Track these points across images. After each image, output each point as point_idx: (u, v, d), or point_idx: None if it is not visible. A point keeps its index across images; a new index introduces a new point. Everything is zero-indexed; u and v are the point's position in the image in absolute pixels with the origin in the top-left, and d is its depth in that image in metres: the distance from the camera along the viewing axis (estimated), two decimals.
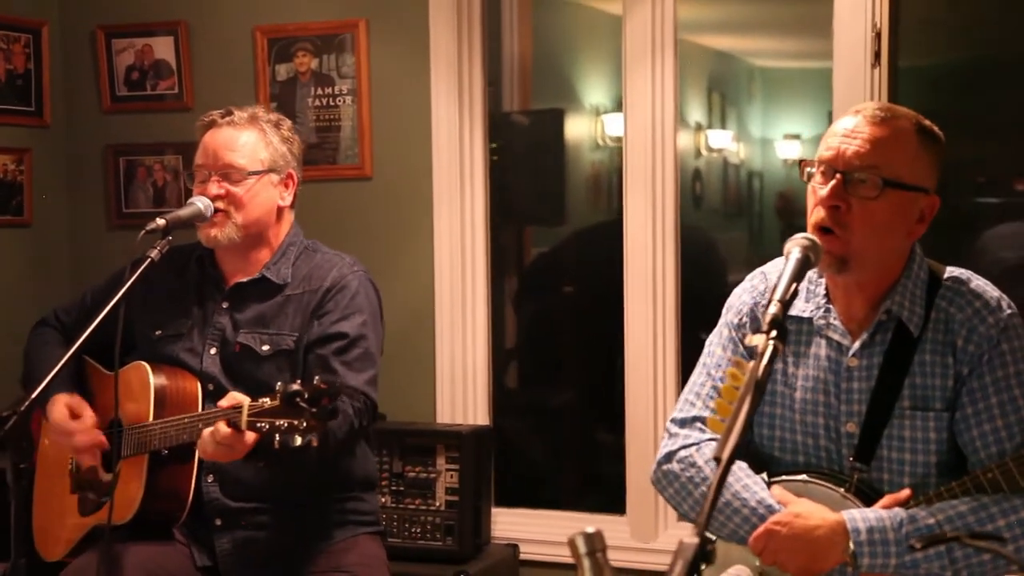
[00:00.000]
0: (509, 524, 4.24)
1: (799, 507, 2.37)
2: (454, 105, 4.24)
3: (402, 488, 4.05)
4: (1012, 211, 3.96)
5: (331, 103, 4.36)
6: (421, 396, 4.27)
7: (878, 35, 3.80)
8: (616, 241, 4.21)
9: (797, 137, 6.10)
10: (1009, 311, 2.40)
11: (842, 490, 2.40)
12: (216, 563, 3.07)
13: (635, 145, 4.13)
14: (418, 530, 4.02)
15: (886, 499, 2.36)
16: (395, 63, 4.30)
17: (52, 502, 3.28)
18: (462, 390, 4.28)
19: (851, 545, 2.30)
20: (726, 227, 6.10)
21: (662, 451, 2.58)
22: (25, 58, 4.51)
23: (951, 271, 2.47)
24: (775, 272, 2.56)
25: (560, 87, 5.41)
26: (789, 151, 6.12)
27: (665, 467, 2.55)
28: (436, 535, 4.00)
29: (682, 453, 2.52)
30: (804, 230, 2.33)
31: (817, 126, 2.34)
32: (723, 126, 6.46)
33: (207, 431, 2.79)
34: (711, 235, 5.25)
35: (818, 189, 2.37)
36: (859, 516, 2.32)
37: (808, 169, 2.40)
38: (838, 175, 2.33)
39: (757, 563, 2.40)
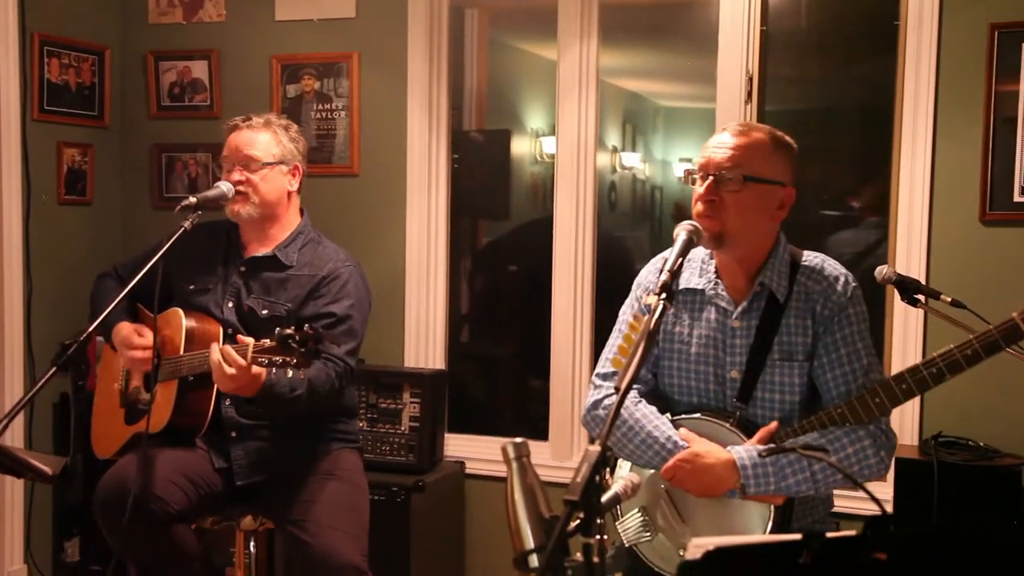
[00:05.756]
0: (458, 445, 4.24)
1: (699, 447, 2.37)
2: (424, 121, 4.21)
3: (376, 416, 4.04)
4: (846, 221, 4.08)
5: (329, 116, 4.32)
6: (393, 345, 4.25)
7: (751, 79, 3.82)
8: (548, 233, 4.18)
9: (689, 160, 6.07)
10: (853, 284, 2.44)
11: (728, 424, 2.41)
12: (230, 466, 3.08)
13: (564, 159, 4.12)
14: (387, 448, 4.01)
15: (761, 432, 2.37)
16: (380, 87, 4.27)
17: (105, 413, 3.29)
18: (424, 342, 4.26)
19: (740, 478, 2.32)
20: (633, 227, 6.10)
21: (589, 400, 2.55)
22: (91, 74, 4.46)
23: (808, 255, 2.49)
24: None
25: (508, 113, 5.35)
26: (683, 170, 6.12)
27: (592, 413, 2.53)
28: (401, 452, 4.00)
29: (606, 402, 2.50)
30: None
31: None
32: (633, 149, 6.47)
33: (215, 358, 2.74)
34: (619, 236, 5.20)
35: (697, 189, 2.39)
36: (745, 455, 2.33)
37: (691, 176, 2.42)
38: (711, 177, 2.36)
39: (664, 485, 2.43)
